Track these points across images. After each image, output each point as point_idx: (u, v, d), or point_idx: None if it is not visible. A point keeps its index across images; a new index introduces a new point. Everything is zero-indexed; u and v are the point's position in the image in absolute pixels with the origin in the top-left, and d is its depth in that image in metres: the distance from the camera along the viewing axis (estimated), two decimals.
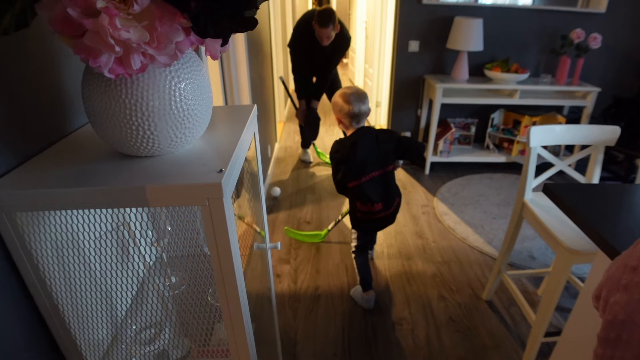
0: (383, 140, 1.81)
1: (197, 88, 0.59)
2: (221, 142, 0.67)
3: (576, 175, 1.79)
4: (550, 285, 1.54)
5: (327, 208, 2.98)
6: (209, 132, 0.73)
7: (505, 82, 3.25)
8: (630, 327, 0.47)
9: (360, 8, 5.98)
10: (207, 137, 0.70)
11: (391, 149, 1.82)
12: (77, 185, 0.54)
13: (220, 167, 0.56)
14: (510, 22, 3.36)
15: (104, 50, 0.46)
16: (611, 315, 0.51)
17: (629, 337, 0.48)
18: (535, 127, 1.65)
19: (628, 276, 0.50)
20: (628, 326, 0.48)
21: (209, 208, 0.53)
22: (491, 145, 3.63)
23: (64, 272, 0.69)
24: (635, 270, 0.49)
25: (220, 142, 0.67)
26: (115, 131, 0.57)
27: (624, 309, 0.49)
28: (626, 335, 0.48)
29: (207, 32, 0.50)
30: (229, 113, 0.84)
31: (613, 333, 0.50)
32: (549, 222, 1.59)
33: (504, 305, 2.08)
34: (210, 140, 0.68)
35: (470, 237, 2.62)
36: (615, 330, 0.49)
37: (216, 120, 0.79)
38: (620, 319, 0.49)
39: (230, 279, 0.59)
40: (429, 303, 2.09)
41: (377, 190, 1.84)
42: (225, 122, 0.77)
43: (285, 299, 2.11)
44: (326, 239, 2.60)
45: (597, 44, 3.18)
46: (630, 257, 0.51)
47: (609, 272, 0.55)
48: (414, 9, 3.31)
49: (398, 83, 3.62)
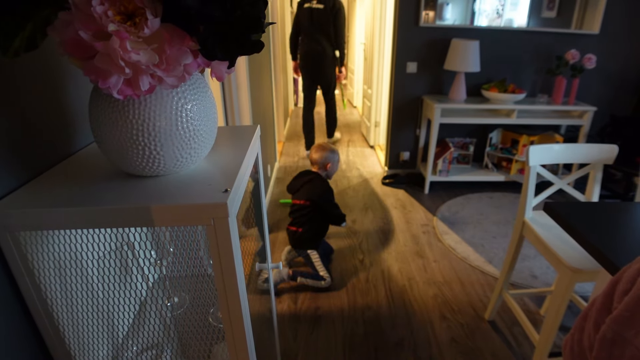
0: (304, 186, 2.39)
1: (202, 109, 0.60)
2: (225, 162, 0.68)
3: (576, 194, 1.80)
4: (553, 304, 1.53)
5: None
6: (213, 152, 0.74)
7: (503, 102, 3.29)
8: (620, 345, 0.47)
9: (359, 30, 6.10)
10: (211, 157, 0.71)
11: (306, 197, 2.35)
12: (82, 204, 0.54)
13: (225, 187, 0.57)
14: (506, 43, 3.43)
15: (114, 72, 0.47)
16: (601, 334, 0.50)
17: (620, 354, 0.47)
18: (534, 147, 1.67)
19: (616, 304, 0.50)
20: (618, 345, 0.47)
21: (214, 228, 0.53)
22: (490, 165, 3.65)
23: (66, 292, 0.69)
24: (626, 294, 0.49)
25: (224, 162, 0.68)
26: (122, 151, 0.57)
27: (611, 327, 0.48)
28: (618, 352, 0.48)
29: (215, 55, 0.51)
30: (232, 133, 0.84)
31: (605, 353, 0.49)
32: (550, 241, 1.59)
33: (507, 325, 2.06)
34: (215, 161, 0.69)
35: (471, 257, 2.61)
36: (606, 349, 0.49)
37: (220, 141, 0.80)
38: (609, 337, 0.49)
39: (234, 300, 0.58)
40: (430, 323, 2.06)
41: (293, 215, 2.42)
42: (229, 143, 0.78)
43: (285, 320, 2.08)
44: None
45: (591, 64, 3.23)
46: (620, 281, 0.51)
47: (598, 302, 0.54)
48: (411, 31, 3.38)
49: (397, 103, 3.67)
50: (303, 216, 2.34)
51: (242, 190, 0.64)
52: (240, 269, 0.58)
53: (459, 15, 3.42)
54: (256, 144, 0.84)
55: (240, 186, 0.63)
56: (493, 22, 3.44)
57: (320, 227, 2.40)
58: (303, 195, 2.35)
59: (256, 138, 0.84)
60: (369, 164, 4.28)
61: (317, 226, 2.38)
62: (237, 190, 0.60)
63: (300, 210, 2.35)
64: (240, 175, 0.62)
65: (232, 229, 0.54)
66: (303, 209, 2.34)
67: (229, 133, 0.85)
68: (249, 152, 0.73)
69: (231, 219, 0.53)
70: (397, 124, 3.76)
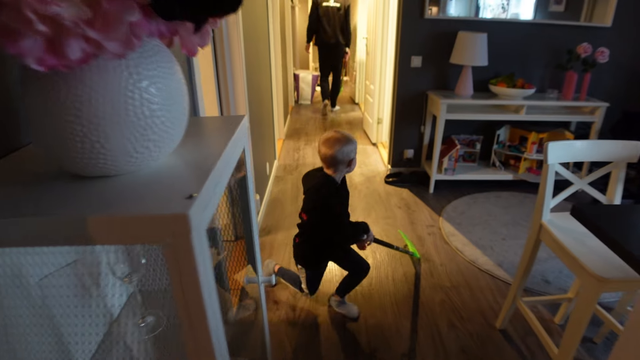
0: (307, 192, 1.87)
1: (165, 90, 0.47)
2: (199, 159, 0.54)
3: (597, 195, 1.66)
4: (575, 316, 1.39)
5: None
6: (185, 146, 0.60)
7: (511, 97, 3.15)
8: None
9: (361, 24, 5.96)
10: (181, 152, 0.57)
11: (308, 207, 1.87)
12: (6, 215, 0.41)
13: (191, 191, 0.43)
14: (513, 36, 3.28)
15: (24, 30, 0.33)
16: None
17: None
18: (553, 143, 1.53)
19: None
20: None
21: (172, 248, 0.39)
22: (497, 163, 3.51)
23: (3, 319, 0.55)
24: None
25: (198, 159, 0.54)
26: (57, 143, 0.43)
27: None
28: None
29: (173, 11, 0.38)
30: (214, 125, 0.71)
31: None
32: (571, 246, 1.45)
33: (519, 335, 1.92)
34: (185, 157, 0.55)
35: (479, 260, 2.47)
36: None
37: (198, 133, 0.66)
38: None
39: (205, 346, 0.44)
40: (438, 332, 1.93)
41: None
42: (209, 135, 0.65)
43: (282, 329, 1.94)
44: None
45: (604, 58, 3.09)
46: None
47: None
48: (416, 24, 3.23)
49: (400, 99, 3.52)
50: (302, 228, 1.98)
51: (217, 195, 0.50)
52: (214, 304, 0.44)
53: (463, 10, 3.28)
54: (242, 136, 0.70)
55: (215, 189, 0.49)
56: (498, 17, 3.30)
57: (321, 244, 1.94)
58: (304, 204, 1.89)
59: (242, 130, 0.71)
60: (372, 162, 4.13)
61: (316, 242, 1.94)
62: (209, 195, 0.46)
63: (300, 222, 1.97)
64: (214, 176, 0.49)
65: (199, 249, 0.40)
66: (302, 219, 1.94)
67: (210, 124, 0.71)
68: (229, 147, 0.59)
69: (196, 235, 0.40)
70: (400, 120, 3.61)
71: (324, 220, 1.80)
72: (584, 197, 3.29)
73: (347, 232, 1.87)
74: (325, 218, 1.79)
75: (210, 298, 0.43)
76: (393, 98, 3.59)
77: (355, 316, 2.02)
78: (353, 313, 2.03)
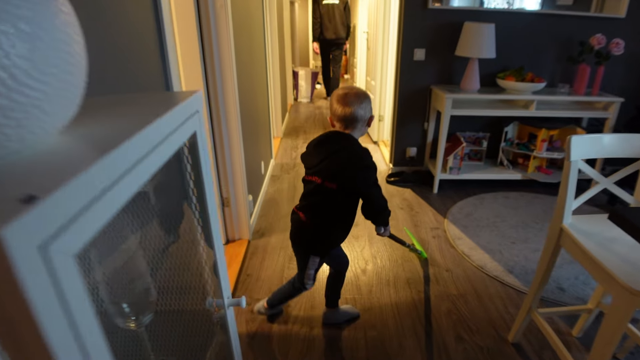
0: (335, 155, 1.50)
1: (35, 40, 0.30)
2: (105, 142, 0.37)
3: (624, 195, 1.48)
4: (604, 333, 1.22)
5: None
6: (89, 125, 0.43)
7: (520, 92, 2.97)
8: None
9: (362, 19, 5.78)
10: (84, 133, 0.40)
11: (338, 171, 1.49)
12: None
13: (35, 190, 0.26)
14: (522, 28, 3.11)
15: None
16: None
17: None
18: (577, 137, 1.35)
19: None
20: None
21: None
22: (505, 161, 3.33)
23: None
24: None
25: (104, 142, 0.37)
26: None
27: None
28: None
29: None
30: (155, 100, 0.54)
31: None
32: (598, 254, 1.27)
33: (534, 349, 1.75)
34: (90, 139, 0.38)
35: (488, 265, 2.30)
36: None
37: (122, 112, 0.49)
38: None
39: None
40: (444, 346, 1.76)
41: (306, 198, 1.59)
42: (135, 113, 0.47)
43: (274, 342, 1.77)
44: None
45: (619, 50, 2.91)
46: None
47: None
48: (419, 15, 3.06)
49: (403, 95, 3.34)
50: (320, 202, 1.53)
51: (119, 200, 0.33)
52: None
53: (467, 4, 3.10)
54: (185, 117, 0.53)
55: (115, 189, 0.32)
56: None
57: (345, 222, 1.60)
58: (326, 173, 1.50)
59: (188, 108, 0.53)
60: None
61: (339, 220, 1.58)
62: (74, 199, 0.29)
63: (316, 194, 1.53)
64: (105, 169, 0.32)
65: (33, 294, 0.23)
66: (323, 191, 1.51)
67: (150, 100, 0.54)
68: (151, 129, 0.42)
69: (25, 266, 0.23)
70: (403, 117, 3.44)
71: (362, 185, 1.50)
72: (597, 198, 3.11)
73: (384, 203, 1.57)
74: (365, 183, 1.49)
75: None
76: (395, 94, 3.41)
77: (357, 314, 1.93)
78: (353, 313, 1.92)
